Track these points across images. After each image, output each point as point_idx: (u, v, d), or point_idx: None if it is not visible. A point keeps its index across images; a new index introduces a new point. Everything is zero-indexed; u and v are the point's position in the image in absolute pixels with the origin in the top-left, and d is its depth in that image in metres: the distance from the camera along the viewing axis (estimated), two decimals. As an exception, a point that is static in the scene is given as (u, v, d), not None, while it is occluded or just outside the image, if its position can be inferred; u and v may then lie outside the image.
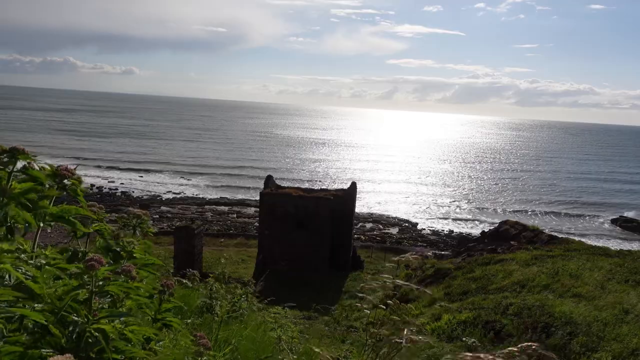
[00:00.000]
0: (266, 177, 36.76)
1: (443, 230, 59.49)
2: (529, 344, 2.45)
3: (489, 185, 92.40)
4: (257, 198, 37.38)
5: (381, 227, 58.59)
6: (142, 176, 79.79)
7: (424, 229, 59.42)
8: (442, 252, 33.82)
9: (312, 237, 32.42)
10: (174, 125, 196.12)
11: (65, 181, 1.76)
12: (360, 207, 57.32)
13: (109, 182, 71.38)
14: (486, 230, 33.57)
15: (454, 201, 76.63)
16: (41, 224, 1.67)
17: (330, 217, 32.83)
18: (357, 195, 37.37)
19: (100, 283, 1.42)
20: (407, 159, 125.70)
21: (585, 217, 69.39)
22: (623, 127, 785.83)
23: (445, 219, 65.76)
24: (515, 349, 2.42)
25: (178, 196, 67.73)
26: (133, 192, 67.89)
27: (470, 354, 2.52)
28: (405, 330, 3.44)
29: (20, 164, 1.67)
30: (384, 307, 4.07)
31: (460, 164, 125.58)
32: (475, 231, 52.66)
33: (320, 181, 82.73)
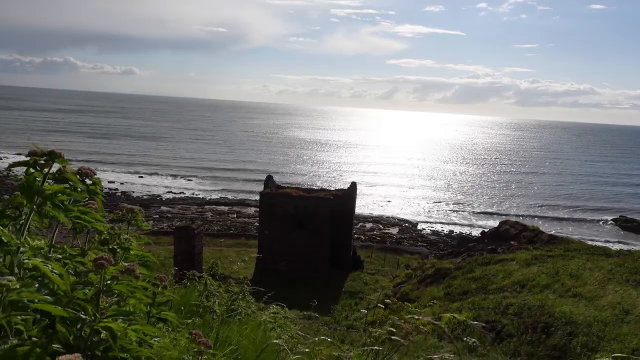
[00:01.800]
0: (266, 177, 36.77)
1: (443, 230, 59.50)
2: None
3: (489, 186, 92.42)
4: (257, 198, 37.39)
5: (381, 227, 58.61)
6: (142, 176, 79.82)
7: (424, 229, 59.44)
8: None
9: (312, 237, 32.43)
10: (174, 125, 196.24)
11: (87, 180, 1.83)
12: (360, 207, 57.33)
13: (108, 182, 71.38)
14: (486, 230, 33.56)
15: (454, 201, 76.64)
16: (60, 222, 1.75)
17: (330, 217, 32.83)
18: (357, 196, 37.38)
19: (108, 282, 1.44)
20: (407, 159, 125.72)
21: (587, 218, 69.33)
22: (623, 127, 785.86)
23: (446, 219, 65.79)
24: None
25: (178, 196, 67.76)
26: (133, 192, 67.93)
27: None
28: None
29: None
30: (383, 306, 4.08)
31: (460, 164, 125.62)
32: (476, 231, 52.68)
33: (320, 181, 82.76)
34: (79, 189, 1.76)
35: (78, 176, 1.79)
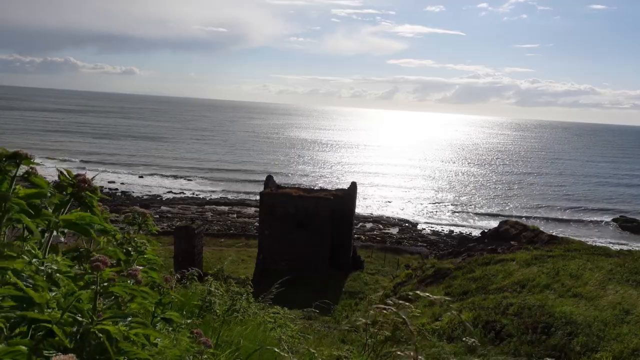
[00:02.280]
0: (266, 177, 36.77)
1: (443, 230, 59.49)
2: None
3: (489, 186, 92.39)
4: (257, 198, 37.40)
5: (381, 227, 58.60)
6: (142, 176, 79.83)
7: (424, 229, 59.43)
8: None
9: (312, 237, 32.43)
10: (174, 125, 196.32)
11: (82, 194, 1.70)
12: (361, 207, 57.34)
13: (108, 182, 71.40)
14: (486, 230, 33.54)
15: (455, 202, 76.62)
16: (55, 232, 1.62)
17: (330, 217, 32.83)
18: (357, 196, 37.37)
19: (105, 284, 1.43)
20: (407, 160, 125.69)
21: (587, 218, 69.29)
22: (624, 127, 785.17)
23: (446, 219, 65.77)
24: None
25: (178, 196, 67.76)
26: (133, 192, 67.92)
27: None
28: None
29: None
30: (384, 306, 4.08)
31: (461, 164, 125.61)
32: (476, 231, 52.66)
33: (320, 181, 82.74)
34: (48, 194, 1.61)
35: (75, 189, 1.67)
